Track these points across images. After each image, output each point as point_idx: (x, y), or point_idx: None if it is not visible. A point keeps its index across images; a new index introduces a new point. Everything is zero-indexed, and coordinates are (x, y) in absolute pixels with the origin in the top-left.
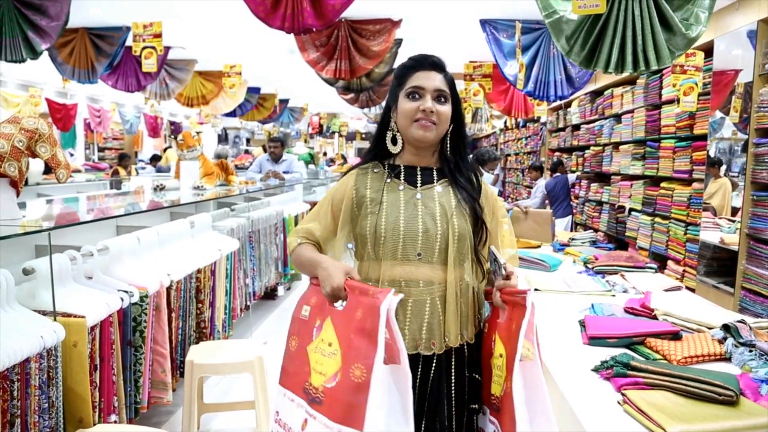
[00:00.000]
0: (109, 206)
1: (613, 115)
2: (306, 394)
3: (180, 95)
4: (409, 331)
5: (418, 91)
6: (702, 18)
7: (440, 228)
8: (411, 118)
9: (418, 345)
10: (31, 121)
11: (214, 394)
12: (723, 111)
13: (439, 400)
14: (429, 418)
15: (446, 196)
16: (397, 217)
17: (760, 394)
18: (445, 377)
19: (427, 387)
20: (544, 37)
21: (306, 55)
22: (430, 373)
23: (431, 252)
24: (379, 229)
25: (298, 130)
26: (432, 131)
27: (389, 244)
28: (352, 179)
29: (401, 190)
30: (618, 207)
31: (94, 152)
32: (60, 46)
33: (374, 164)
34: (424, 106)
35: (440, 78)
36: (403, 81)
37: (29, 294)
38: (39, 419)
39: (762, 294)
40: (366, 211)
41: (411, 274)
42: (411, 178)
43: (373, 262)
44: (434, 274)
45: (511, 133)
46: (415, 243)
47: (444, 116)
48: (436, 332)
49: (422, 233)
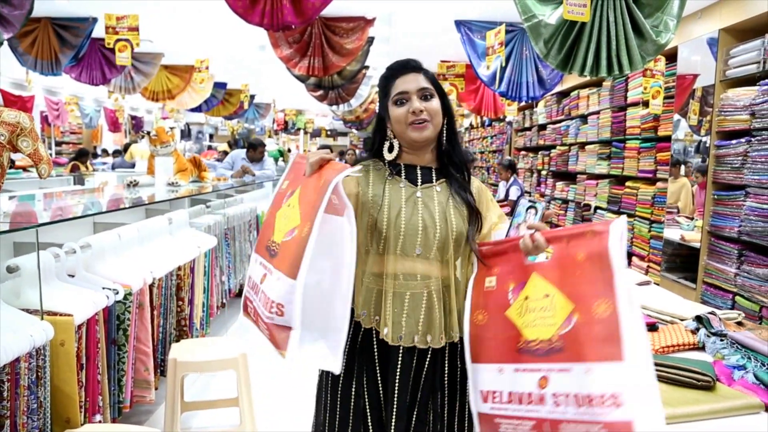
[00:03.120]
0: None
1: (580, 115)
2: (267, 252)
3: (145, 89)
4: (406, 324)
5: (404, 96)
6: (671, 25)
7: (439, 227)
8: (404, 122)
9: (415, 338)
10: (12, 115)
11: (192, 392)
12: (682, 114)
13: (433, 392)
14: (421, 410)
15: (444, 196)
16: (398, 212)
17: (733, 379)
18: (439, 370)
19: (420, 379)
20: (517, 39)
21: (279, 51)
22: (424, 365)
23: (429, 249)
24: (381, 224)
25: (263, 126)
26: (427, 129)
27: (390, 239)
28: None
29: (402, 188)
30: (584, 205)
31: (52, 147)
32: (21, 36)
33: (375, 161)
34: (413, 107)
35: (421, 77)
36: (388, 90)
37: (13, 292)
38: (27, 420)
39: (722, 288)
40: (368, 206)
41: (409, 269)
42: (411, 176)
43: (376, 256)
44: (432, 269)
45: (476, 131)
46: (414, 240)
47: (434, 111)
48: (434, 327)
49: (422, 231)
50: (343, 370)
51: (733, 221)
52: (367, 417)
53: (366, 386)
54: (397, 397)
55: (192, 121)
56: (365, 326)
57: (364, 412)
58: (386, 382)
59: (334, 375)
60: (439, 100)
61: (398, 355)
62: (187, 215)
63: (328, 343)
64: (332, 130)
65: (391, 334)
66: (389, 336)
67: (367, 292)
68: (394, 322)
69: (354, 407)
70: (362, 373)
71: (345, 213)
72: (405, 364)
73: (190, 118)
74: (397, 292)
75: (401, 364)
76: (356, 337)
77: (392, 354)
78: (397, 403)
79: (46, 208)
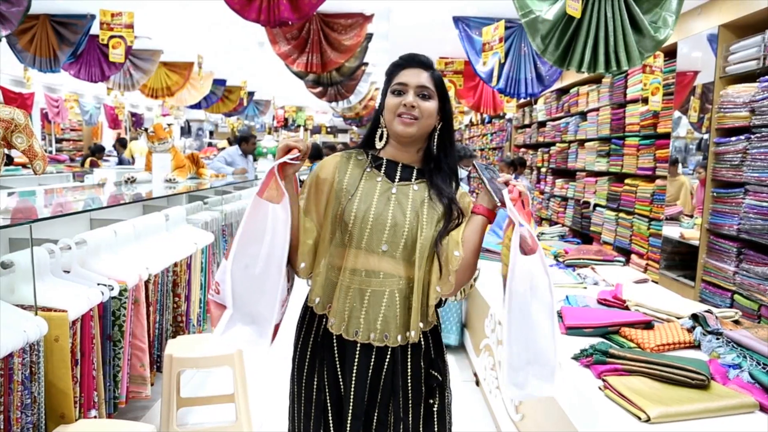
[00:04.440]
0: (81, 199)
1: (579, 112)
2: None
3: (144, 86)
4: (364, 321)
5: (402, 87)
6: (669, 21)
7: (408, 224)
8: (394, 112)
9: (371, 335)
10: (7, 111)
11: (188, 389)
12: (682, 111)
13: (394, 393)
14: (381, 411)
15: (420, 196)
16: (368, 206)
17: (728, 378)
18: (401, 370)
19: (380, 379)
20: (516, 36)
21: (277, 48)
22: (383, 365)
23: (396, 246)
24: (348, 216)
25: (263, 123)
26: (413, 126)
27: (356, 232)
28: (336, 160)
29: (378, 182)
30: (583, 202)
31: (52, 144)
32: (19, 33)
33: (358, 151)
34: (406, 100)
35: (426, 75)
36: (391, 79)
37: (7, 288)
38: (21, 415)
39: (721, 286)
40: (340, 195)
41: (373, 265)
42: (391, 172)
43: (338, 248)
44: (396, 268)
45: (476, 129)
46: (381, 235)
47: (426, 111)
48: (392, 325)
49: (390, 227)
50: (307, 361)
51: (733, 219)
52: (328, 411)
53: (326, 380)
54: (353, 395)
55: (192, 118)
56: (318, 312)
57: (325, 406)
58: (345, 379)
59: (300, 366)
60: (437, 103)
61: (355, 352)
62: (184, 212)
63: (256, 328)
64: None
65: (345, 329)
66: (340, 329)
67: (326, 281)
68: (350, 317)
69: (316, 400)
70: (323, 366)
71: (282, 201)
72: (362, 362)
73: (190, 115)
74: (356, 288)
75: (358, 361)
76: (312, 325)
77: (349, 350)
78: (353, 402)
79: (47, 205)
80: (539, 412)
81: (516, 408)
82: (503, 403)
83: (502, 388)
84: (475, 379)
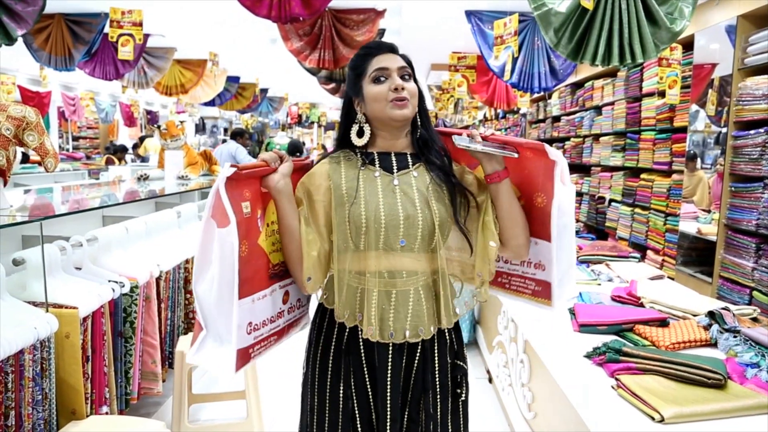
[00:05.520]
0: (96, 196)
1: (594, 107)
2: (274, 277)
3: (158, 84)
4: (396, 321)
5: (384, 73)
6: (686, 12)
7: (421, 214)
8: (385, 99)
9: (406, 333)
10: (19, 109)
11: (200, 385)
12: (699, 104)
13: (425, 390)
14: (413, 409)
15: (423, 181)
16: (377, 205)
17: (746, 377)
18: (430, 366)
19: (411, 377)
20: (529, 29)
21: (289, 44)
22: (414, 362)
23: (414, 239)
24: (359, 219)
25: (277, 120)
26: (408, 108)
27: (371, 233)
28: (326, 167)
29: (377, 177)
30: (598, 198)
31: (69, 141)
32: (35, 32)
33: (345, 152)
34: (395, 84)
35: (399, 58)
36: (364, 69)
37: (19, 285)
38: (33, 411)
39: (739, 282)
40: (342, 200)
41: (394, 265)
42: (386, 164)
43: (354, 253)
44: (418, 263)
45: (490, 123)
46: (397, 231)
47: (413, 91)
48: (423, 319)
49: (404, 220)
50: (330, 371)
51: (751, 214)
52: (356, 419)
53: (354, 388)
54: (390, 397)
55: (206, 115)
56: (349, 325)
57: (353, 414)
58: (375, 383)
59: (321, 377)
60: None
61: (388, 355)
62: (196, 208)
63: (223, 351)
64: None
65: (379, 333)
66: (376, 335)
67: (348, 290)
68: (381, 320)
69: (343, 409)
70: (349, 374)
71: (227, 226)
72: (395, 363)
73: (205, 113)
74: (382, 291)
75: (392, 362)
76: (341, 338)
77: (381, 353)
78: (391, 404)
79: (64, 202)
80: (551, 411)
81: (529, 406)
82: (516, 401)
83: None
84: (488, 376)
